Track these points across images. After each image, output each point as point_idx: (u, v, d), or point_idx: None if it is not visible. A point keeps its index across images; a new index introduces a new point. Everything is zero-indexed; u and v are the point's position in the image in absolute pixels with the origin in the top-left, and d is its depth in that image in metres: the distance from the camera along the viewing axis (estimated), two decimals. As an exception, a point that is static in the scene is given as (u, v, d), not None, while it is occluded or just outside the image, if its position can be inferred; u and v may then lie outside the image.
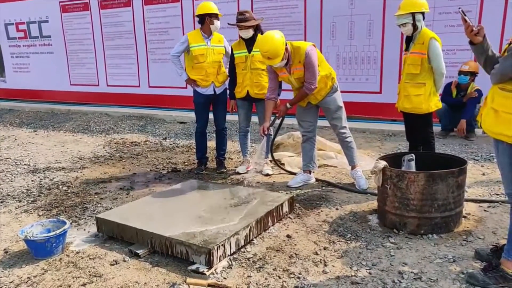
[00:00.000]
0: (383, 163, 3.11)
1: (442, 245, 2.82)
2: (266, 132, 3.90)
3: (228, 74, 4.59)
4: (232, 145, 5.95)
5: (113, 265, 2.74)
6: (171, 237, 2.74)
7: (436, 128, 4.84)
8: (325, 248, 2.87)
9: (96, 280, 2.55)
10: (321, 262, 2.68)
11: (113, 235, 3.08)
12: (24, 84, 10.84)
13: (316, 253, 2.80)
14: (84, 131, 7.64)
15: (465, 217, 3.21)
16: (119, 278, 2.57)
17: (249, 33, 4.17)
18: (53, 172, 4.99)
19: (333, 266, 2.63)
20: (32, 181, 4.65)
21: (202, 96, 4.58)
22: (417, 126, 3.86)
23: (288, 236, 3.06)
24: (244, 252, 2.86)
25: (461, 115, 5.57)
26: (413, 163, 3.27)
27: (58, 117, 8.96)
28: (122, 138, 6.82)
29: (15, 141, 6.87)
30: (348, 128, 4.05)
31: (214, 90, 4.57)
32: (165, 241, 2.76)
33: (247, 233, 2.92)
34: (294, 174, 4.42)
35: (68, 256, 2.88)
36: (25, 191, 4.31)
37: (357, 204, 3.64)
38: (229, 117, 4.91)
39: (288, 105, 3.87)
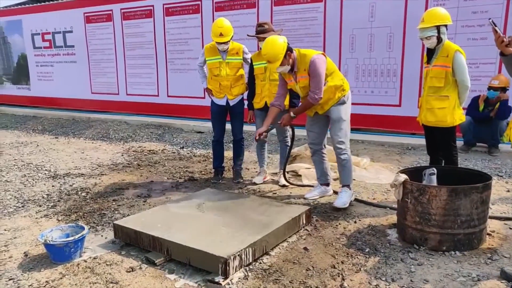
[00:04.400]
0: (403, 177, 3.05)
1: (466, 262, 2.73)
2: (257, 138, 3.83)
3: (247, 85, 4.62)
4: (250, 155, 5.95)
5: (129, 272, 2.74)
6: (187, 246, 2.72)
7: (458, 142, 4.74)
8: (342, 262, 2.81)
9: (112, 287, 2.55)
10: (338, 276, 2.63)
11: (130, 242, 3.09)
12: (47, 92, 11.13)
13: (334, 267, 2.74)
14: (103, 138, 7.76)
15: (489, 234, 3.11)
16: (135, 285, 2.56)
17: (268, 44, 4.18)
18: (72, 178, 5.06)
19: (351, 280, 2.57)
20: (53, 186, 4.73)
21: (216, 106, 4.64)
22: (439, 140, 3.79)
23: (305, 248, 3.02)
24: (260, 263, 2.82)
25: (497, 117, 5.46)
26: (434, 178, 3.20)
27: (78, 125, 9.13)
28: (140, 146, 6.90)
29: (37, 147, 7.02)
30: (348, 147, 3.82)
31: (227, 102, 4.59)
32: (182, 249, 2.75)
33: (264, 245, 2.88)
34: (311, 186, 4.37)
35: (85, 261, 2.89)
36: (45, 196, 4.38)
37: (375, 218, 3.57)
38: (247, 127, 4.93)
39: (292, 114, 3.80)
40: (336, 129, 3.78)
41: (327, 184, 4.15)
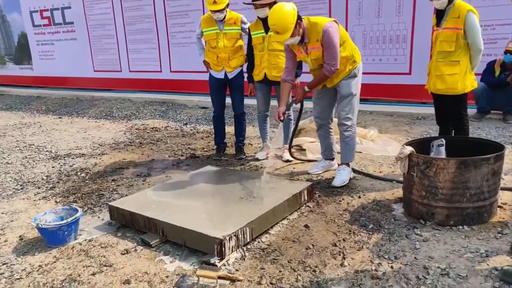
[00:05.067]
0: (409, 149, 2.88)
1: (474, 237, 2.58)
2: (282, 118, 3.57)
3: (246, 56, 4.41)
4: (253, 130, 5.81)
5: (124, 254, 2.67)
6: (183, 227, 2.63)
7: (471, 110, 4.50)
8: (344, 240, 2.69)
9: (106, 270, 2.48)
10: (339, 254, 2.51)
11: (126, 224, 3.01)
12: (50, 72, 11.02)
13: (335, 245, 2.63)
14: (107, 117, 7.67)
15: (500, 207, 2.95)
16: (129, 268, 2.49)
17: (265, 11, 3.92)
18: (73, 158, 5.00)
19: (352, 259, 2.46)
20: (53, 167, 4.67)
21: (214, 79, 4.47)
22: (449, 108, 3.57)
23: (306, 226, 2.90)
24: (259, 242, 2.72)
25: None
26: (443, 149, 3.02)
27: (82, 104, 9.05)
28: (143, 124, 6.79)
29: (40, 128, 6.97)
30: (355, 123, 3.61)
31: (226, 75, 4.40)
32: (177, 231, 2.66)
33: (262, 223, 2.77)
34: (316, 161, 4.22)
35: (80, 244, 2.83)
36: (45, 177, 4.32)
37: (381, 192, 3.42)
38: (249, 101, 4.75)
39: (306, 88, 3.57)
40: (343, 104, 3.55)
41: (332, 159, 3.99)
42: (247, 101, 5.07)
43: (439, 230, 2.70)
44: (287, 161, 4.36)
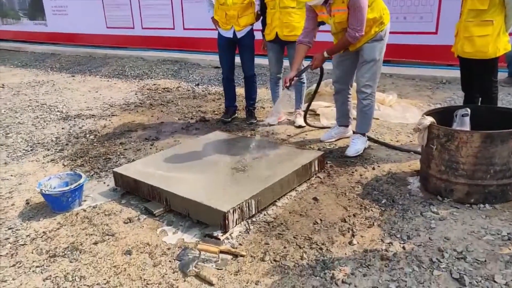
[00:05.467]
0: (429, 120, 2.66)
1: (496, 217, 2.41)
2: (288, 84, 3.27)
3: (259, 13, 4.13)
4: (266, 93, 5.60)
5: (126, 223, 2.61)
6: (186, 197, 2.53)
7: (501, 74, 4.16)
8: (354, 215, 2.56)
9: (108, 239, 2.43)
10: (348, 231, 2.39)
11: (130, 191, 2.95)
12: (63, 28, 10.84)
13: (344, 220, 2.50)
14: (119, 76, 7.54)
15: (526, 184, 2.74)
16: (131, 238, 2.43)
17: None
18: (83, 119, 4.93)
19: (362, 236, 2.33)
20: (63, 128, 4.61)
21: (222, 38, 4.25)
22: (477, 74, 3.27)
23: (315, 198, 2.78)
24: (264, 215, 2.62)
25: None
26: (467, 119, 2.79)
27: (95, 62, 8.92)
28: (155, 84, 6.64)
29: (53, 86, 6.90)
30: (375, 91, 3.35)
31: (235, 34, 4.15)
32: (181, 201, 2.57)
33: (269, 195, 2.66)
34: (329, 128, 4.02)
35: (84, 210, 2.79)
36: (54, 139, 4.28)
37: (397, 164, 3.24)
38: (262, 61, 4.50)
39: (325, 53, 3.26)
40: (364, 70, 3.27)
41: (346, 125, 3.79)
42: (260, 61, 4.86)
43: (458, 208, 2.53)
44: (300, 126, 4.18)
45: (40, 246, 2.39)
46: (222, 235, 2.37)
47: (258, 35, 4.32)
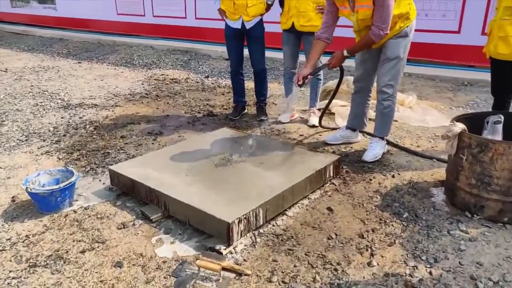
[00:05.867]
0: (459, 126, 2.37)
1: (533, 241, 2.14)
2: (301, 82, 2.98)
3: (269, 5, 3.84)
4: (278, 88, 5.33)
5: (120, 229, 2.37)
6: (187, 203, 2.29)
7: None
8: (373, 230, 2.29)
9: (98, 247, 2.20)
10: (366, 250, 2.13)
11: (127, 192, 2.71)
12: (73, 13, 10.61)
13: (362, 236, 2.24)
14: (127, 64, 7.30)
15: None
16: (124, 247, 2.20)
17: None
18: (84, 109, 4.70)
19: (382, 257, 2.07)
20: (62, 118, 4.39)
21: (230, 29, 3.97)
22: (511, 77, 2.97)
23: (329, 209, 2.51)
24: (273, 226, 2.36)
25: None
26: (500, 127, 2.51)
27: (103, 49, 8.69)
28: (163, 74, 6.39)
29: (57, 73, 6.69)
30: (396, 92, 3.07)
31: (243, 24, 3.87)
32: (180, 207, 2.33)
33: (279, 203, 2.40)
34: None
35: (75, 212, 2.55)
36: (52, 129, 4.05)
37: (418, 172, 2.96)
38: (275, 55, 4.22)
39: (345, 52, 2.98)
40: (386, 68, 2.98)
41: (355, 130, 3.49)
42: (272, 54, 4.58)
43: (489, 228, 2.25)
44: (313, 126, 3.91)
45: (20, 253, 2.15)
46: (225, 249, 2.12)
47: (268, 28, 4.03)
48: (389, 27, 2.79)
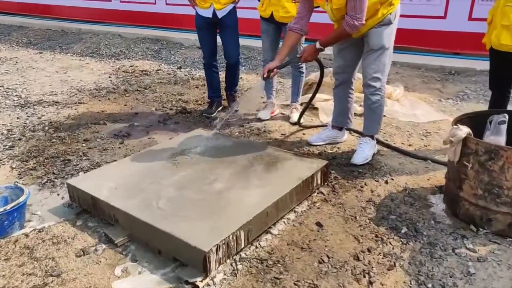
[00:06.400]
0: (464, 131, 2.12)
1: (548, 260, 1.92)
2: (265, 75, 2.70)
3: None
4: (257, 80, 4.98)
5: (79, 256, 2.03)
6: (156, 227, 1.96)
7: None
8: (369, 250, 2.03)
9: (52, 282, 1.86)
10: (364, 276, 1.86)
11: (88, 209, 2.35)
12: (34, -3, 9.88)
13: (357, 258, 1.97)
14: (93, 54, 6.78)
15: None
16: (82, 281, 1.86)
17: None
18: (44, 107, 4.25)
19: (382, 285, 1.81)
20: (18, 118, 3.94)
21: (201, 18, 3.63)
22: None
23: (318, 224, 2.24)
24: (256, 247, 2.07)
25: None
26: (504, 128, 2.27)
27: (67, 37, 8.09)
28: (132, 66, 5.94)
29: (15, 65, 6.12)
30: (384, 85, 2.80)
31: (215, 13, 3.52)
32: (149, 230, 2.00)
33: (262, 222, 2.10)
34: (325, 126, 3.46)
35: (27, 236, 2.19)
36: (5, 132, 3.61)
37: (413, 176, 2.72)
38: (252, 42, 3.88)
39: (317, 45, 2.70)
40: (371, 60, 2.72)
41: (340, 128, 3.22)
42: (250, 42, 4.24)
43: (499, 244, 2.03)
44: (296, 123, 3.61)
45: (-44, 294, 1.80)
46: (201, 281, 1.81)
47: (245, 14, 3.68)
48: (364, 17, 2.51)
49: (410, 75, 4.98)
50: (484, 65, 4.34)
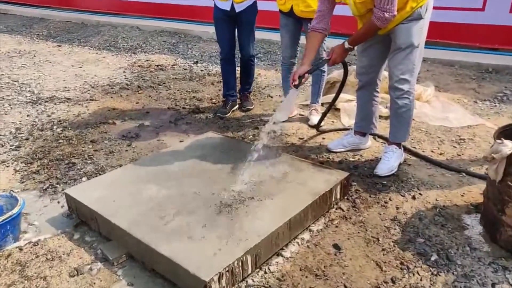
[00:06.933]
0: (510, 146, 1.83)
1: None
2: (296, 83, 2.42)
3: None
4: (275, 77, 4.75)
5: (73, 276, 1.86)
6: (155, 250, 1.76)
7: None
8: (393, 280, 1.78)
9: (40, 307, 1.70)
10: (387, 314, 1.62)
11: (86, 221, 2.19)
12: (55, -11, 9.87)
13: (380, 290, 1.73)
14: (110, 48, 6.67)
15: None
16: (73, 307, 1.69)
17: None
18: (55, 104, 4.13)
19: (409, 326, 1.56)
20: (28, 116, 3.83)
21: (220, 11, 3.44)
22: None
23: (336, 246, 2.00)
24: (265, 273, 1.85)
25: None
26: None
27: (86, 30, 8.02)
28: (147, 60, 5.78)
29: (33, 59, 6.06)
30: (414, 88, 2.50)
31: (233, 7, 3.30)
32: (148, 251, 1.81)
33: (272, 244, 1.88)
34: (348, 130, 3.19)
35: (20, 250, 2.04)
36: (14, 130, 3.50)
37: (445, 191, 2.43)
38: (272, 36, 3.63)
39: (346, 44, 2.43)
40: (398, 60, 2.43)
41: (364, 134, 2.95)
42: (270, 35, 4.01)
43: (548, 281, 1.74)
44: (314, 127, 3.35)
45: None
46: (201, 313, 1.61)
47: (265, 6, 3.44)
48: (395, 7, 2.22)
49: (442, 73, 4.61)
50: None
